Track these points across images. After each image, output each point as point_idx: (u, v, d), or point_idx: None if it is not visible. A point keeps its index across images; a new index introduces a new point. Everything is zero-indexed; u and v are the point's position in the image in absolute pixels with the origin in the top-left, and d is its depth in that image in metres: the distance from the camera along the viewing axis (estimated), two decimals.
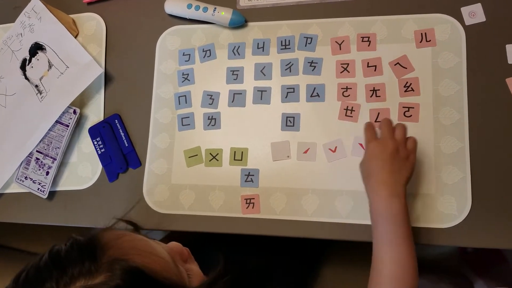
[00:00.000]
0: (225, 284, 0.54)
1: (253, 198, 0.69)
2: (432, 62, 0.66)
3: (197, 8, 0.73)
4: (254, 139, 0.70)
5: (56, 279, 0.42)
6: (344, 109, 0.67)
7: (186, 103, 0.74)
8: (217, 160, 0.71)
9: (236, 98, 0.72)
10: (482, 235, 0.61)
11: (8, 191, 0.78)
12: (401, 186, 0.56)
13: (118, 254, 0.44)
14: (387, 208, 0.55)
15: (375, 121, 0.66)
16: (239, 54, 0.73)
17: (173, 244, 0.55)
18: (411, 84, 0.66)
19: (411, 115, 0.65)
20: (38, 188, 0.75)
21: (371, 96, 0.67)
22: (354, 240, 0.65)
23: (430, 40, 0.67)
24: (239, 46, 0.73)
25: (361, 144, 0.66)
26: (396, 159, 0.56)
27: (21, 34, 0.82)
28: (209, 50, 0.74)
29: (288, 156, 0.69)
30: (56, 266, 0.43)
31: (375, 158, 0.57)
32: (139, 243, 0.49)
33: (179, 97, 0.74)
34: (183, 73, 0.75)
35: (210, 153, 0.72)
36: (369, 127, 0.61)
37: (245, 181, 0.69)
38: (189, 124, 0.73)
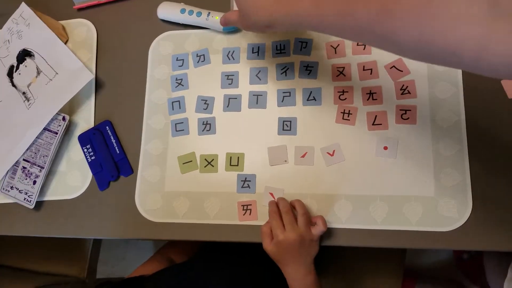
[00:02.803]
0: None
1: (250, 204, 0.65)
2: (427, 65, 0.64)
3: (191, 13, 0.70)
4: (250, 144, 0.67)
5: None
6: (341, 112, 0.65)
7: (180, 108, 0.70)
8: (213, 166, 0.67)
9: (232, 103, 0.68)
10: (484, 237, 0.58)
11: None
12: (310, 264, 0.60)
13: None
14: (304, 286, 0.60)
15: (373, 124, 0.63)
16: (233, 59, 0.70)
17: None
18: (407, 86, 0.64)
19: (408, 118, 0.63)
20: (25, 198, 0.69)
21: (367, 99, 0.64)
22: (354, 246, 0.61)
23: None
24: (233, 51, 0.70)
25: None
26: (302, 247, 0.59)
27: (8, 40, 0.77)
28: (203, 55, 0.71)
29: (285, 161, 0.65)
30: None
31: (284, 250, 0.59)
32: None
33: (172, 102, 0.70)
34: (176, 78, 0.71)
35: (205, 159, 0.67)
36: (274, 216, 0.60)
37: (242, 187, 0.65)
38: (183, 130, 0.69)
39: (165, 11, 0.71)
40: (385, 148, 0.62)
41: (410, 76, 0.64)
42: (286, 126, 0.66)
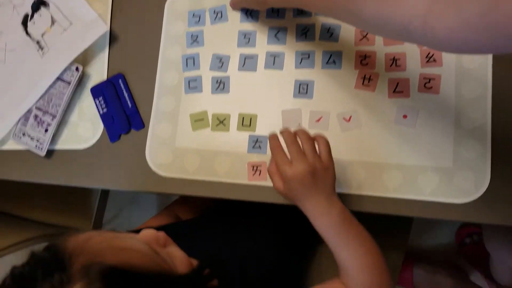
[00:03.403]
0: (218, 269, 0.49)
1: (260, 165, 0.63)
2: None
3: None
4: (264, 106, 0.65)
5: None
6: (362, 78, 0.62)
7: (194, 65, 0.68)
8: (224, 125, 0.65)
9: (247, 62, 0.66)
10: (499, 212, 0.56)
11: (4, 147, 0.71)
12: (331, 195, 0.53)
13: (91, 258, 0.38)
14: (329, 222, 0.53)
15: (394, 91, 0.61)
16: (252, 17, 0.67)
17: (146, 232, 0.48)
18: (433, 54, 0.60)
19: (431, 87, 0.60)
20: (36, 145, 0.69)
21: (390, 66, 0.61)
22: (365, 212, 0.60)
23: None
24: (252, 9, 0.67)
25: None
26: (316, 178, 0.52)
27: None
28: (221, 12, 0.68)
29: (299, 124, 0.63)
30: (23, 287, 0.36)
31: (297, 186, 0.53)
32: (111, 242, 0.42)
33: (187, 59, 0.68)
34: (192, 34, 0.69)
35: (217, 118, 0.66)
36: (277, 149, 0.54)
37: (253, 147, 0.64)
38: (196, 87, 0.67)
39: None
40: (405, 116, 0.60)
41: None
42: (303, 89, 0.64)
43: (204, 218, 0.78)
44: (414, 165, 0.59)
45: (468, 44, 0.37)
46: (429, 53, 0.60)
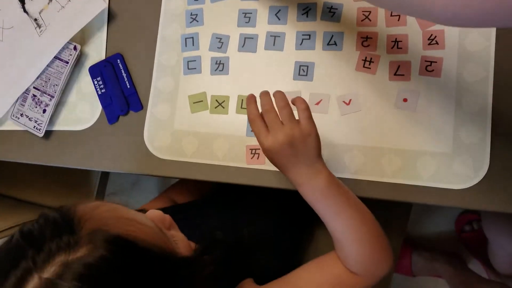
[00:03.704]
0: (218, 252, 0.50)
1: (259, 149, 0.63)
2: None
3: None
4: (263, 88, 0.62)
5: (32, 257, 0.36)
6: (363, 60, 0.61)
7: (193, 45, 0.67)
8: (223, 108, 0.65)
9: (247, 43, 0.65)
10: (496, 199, 0.56)
11: (3, 128, 0.71)
12: (315, 162, 0.51)
13: (98, 225, 0.39)
14: (314, 190, 0.51)
15: (395, 74, 0.60)
16: None
17: (153, 212, 0.49)
18: (436, 36, 0.59)
19: (433, 70, 0.59)
20: (34, 126, 0.69)
21: (392, 48, 0.60)
22: (362, 197, 0.60)
23: None
24: None
25: None
26: (295, 147, 0.50)
27: None
28: None
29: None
30: (31, 244, 0.37)
31: (277, 157, 0.51)
32: (119, 212, 0.43)
33: (186, 38, 0.67)
34: (191, 13, 0.67)
35: (216, 100, 0.65)
36: (254, 119, 0.52)
37: (251, 130, 0.64)
38: (195, 68, 0.67)
39: None
40: (405, 100, 0.59)
41: (440, 25, 0.59)
42: (303, 71, 0.63)
43: (203, 201, 0.79)
44: (413, 150, 0.58)
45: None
46: (431, 35, 0.59)
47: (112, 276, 0.36)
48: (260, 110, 0.53)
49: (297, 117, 0.52)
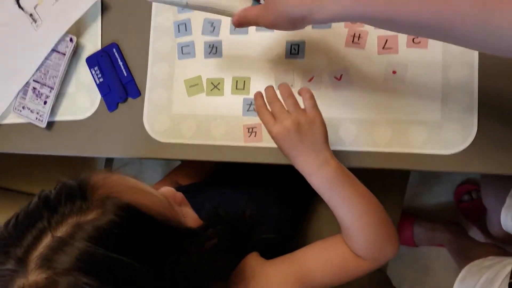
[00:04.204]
0: (221, 226, 0.52)
1: (255, 127, 0.66)
2: None
3: None
4: (256, 68, 0.66)
5: (47, 218, 0.39)
6: (351, 36, 0.63)
7: (186, 31, 0.69)
8: (219, 90, 0.67)
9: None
10: (487, 161, 0.58)
11: (6, 121, 0.74)
12: (322, 150, 0.52)
13: (109, 192, 0.42)
14: (323, 180, 0.52)
15: (383, 47, 0.62)
16: None
17: (165, 188, 0.52)
18: None
19: (419, 42, 0.61)
20: (36, 118, 0.71)
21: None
22: (356, 167, 0.63)
23: None
24: None
25: None
26: (302, 133, 0.52)
27: None
28: None
29: (291, 85, 0.65)
30: (47, 207, 0.41)
31: (284, 145, 0.53)
32: (130, 181, 0.46)
33: (178, 25, 0.69)
34: None
35: (212, 82, 0.68)
36: (261, 110, 0.54)
37: (247, 110, 0.66)
38: (189, 53, 0.69)
39: None
40: (394, 72, 0.62)
41: None
42: (294, 50, 0.65)
43: (205, 181, 0.82)
44: (404, 119, 0.61)
45: None
46: None
47: (120, 239, 0.40)
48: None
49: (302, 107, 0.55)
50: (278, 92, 0.56)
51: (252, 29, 0.67)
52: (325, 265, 0.56)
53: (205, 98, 0.68)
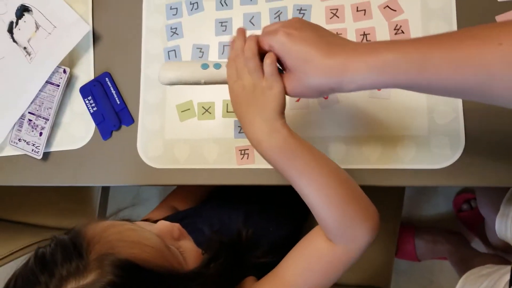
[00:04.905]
0: (222, 257, 0.53)
1: (247, 149, 0.67)
2: (421, 3, 0.64)
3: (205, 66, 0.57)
4: None
5: (45, 283, 0.39)
6: None
7: (176, 57, 0.71)
8: (210, 113, 0.69)
9: (226, 50, 0.69)
10: (476, 174, 0.59)
11: (2, 154, 0.76)
12: (274, 119, 0.47)
13: (106, 248, 0.42)
14: (272, 148, 0.47)
15: None
16: (227, 5, 0.70)
17: (162, 224, 0.52)
18: (401, 26, 0.64)
19: None
20: (32, 149, 0.73)
21: (361, 40, 0.65)
22: None
23: None
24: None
25: None
26: (256, 96, 0.47)
27: None
28: (196, 2, 0.71)
29: None
30: (43, 270, 0.40)
31: (238, 106, 0.49)
32: (127, 234, 0.46)
33: (168, 52, 0.72)
34: (171, 27, 0.72)
35: (203, 107, 0.70)
36: (230, 63, 0.50)
37: (239, 132, 0.68)
38: None
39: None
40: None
41: (403, 15, 0.64)
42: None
43: (202, 205, 0.83)
44: (392, 135, 0.63)
45: None
46: (397, 25, 0.64)
47: None
48: None
49: None
50: None
51: None
52: (304, 272, 0.51)
53: (197, 122, 0.70)
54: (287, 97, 0.66)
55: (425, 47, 0.39)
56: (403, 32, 0.63)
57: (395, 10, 0.64)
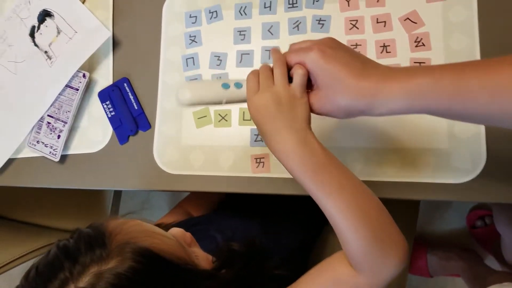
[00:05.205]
0: (235, 264, 0.53)
1: (263, 158, 0.67)
2: (442, 16, 0.64)
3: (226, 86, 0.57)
4: None
5: (68, 269, 0.41)
6: None
7: (194, 64, 0.72)
8: (226, 121, 0.70)
9: (244, 59, 0.70)
10: (497, 189, 0.59)
11: (20, 155, 0.77)
12: (303, 129, 0.45)
13: (127, 238, 0.43)
14: (302, 160, 0.44)
15: None
16: (245, 14, 0.71)
17: (175, 230, 0.54)
18: (421, 39, 0.64)
19: None
20: (50, 152, 0.74)
21: (381, 52, 0.65)
22: None
23: None
24: (245, 6, 0.71)
25: None
26: (282, 106, 0.45)
27: (29, 1, 0.80)
28: (216, 11, 0.72)
29: None
30: (67, 257, 0.42)
31: (261, 118, 0.46)
32: (145, 226, 0.48)
33: (186, 59, 0.73)
34: (190, 35, 0.73)
35: (219, 114, 0.70)
36: (250, 76, 0.49)
37: (255, 140, 0.68)
38: None
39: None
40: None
41: (424, 28, 0.64)
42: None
43: (216, 212, 0.83)
44: (411, 148, 0.62)
45: None
46: (417, 38, 0.63)
47: (140, 284, 0.41)
48: None
49: None
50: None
51: (257, 61, 0.70)
52: None
53: (213, 129, 0.70)
54: None
55: (461, 72, 0.37)
56: (423, 44, 0.63)
57: (416, 23, 0.64)
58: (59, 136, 0.74)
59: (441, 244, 1.22)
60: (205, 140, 0.70)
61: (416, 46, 0.64)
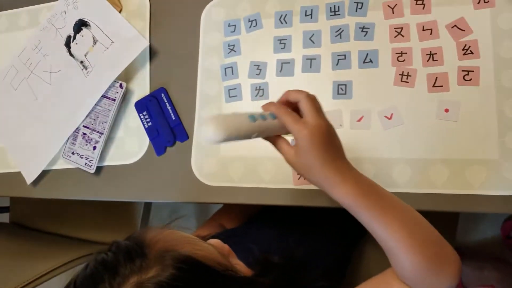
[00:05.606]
0: (274, 275, 0.52)
1: None
2: (491, 24, 0.62)
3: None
4: None
5: (109, 281, 0.40)
6: (400, 74, 0.64)
7: (232, 74, 0.72)
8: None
9: (284, 68, 0.70)
10: None
11: (55, 167, 0.77)
12: (344, 158, 0.47)
13: (166, 246, 0.43)
14: (356, 187, 0.45)
15: (433, 86, 0.63)
16: (286, 23, 0.70)
17: (213, 241, 0.53)
18: (470, 46, 0.62)
19: (471, 79, 0.62)
20: (85, 163, 0.74)
21: (427, 61, 0.63)
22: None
23: (488, 1, 0.63)
24: (286, 15, 0.70)
25: None
26: (334, 136, 0.47)
27: (65, 11, 0.81)
28: (255, 20, 0.72)
29: (340, 125, 0.66)
30: (106, 270, 0.41)
31: (317, 148, 0.45)
32: (183, 234, 0.47)
33: (225, 68, 0.72)
34: (229, 44, 0.73)
35: None
36: (283, 111, 0.48)
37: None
38: (236, 96, 0.71)
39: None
40: (446, 110, 0.62)
41: (473, 35, 0.62)
42: (341, 90, 0.66)
43: (251, 224, 0.81)
44: (460, 159, 0.61)
45: None
46: (465, 45, 0.62)
47: None
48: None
49: None
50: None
51: (298, 70, 0.69)
52: None
53: (253, 140, 0.69)
54: (347, 116, 0.65)
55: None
56: (472, 52, 0.62)
57: (464, 30, 0.63)
58: (94, 147, 0.73)
59: (474, 254, 1.19)
60: (245, 151, 0.69)
61: (464, 54, 0.62)
